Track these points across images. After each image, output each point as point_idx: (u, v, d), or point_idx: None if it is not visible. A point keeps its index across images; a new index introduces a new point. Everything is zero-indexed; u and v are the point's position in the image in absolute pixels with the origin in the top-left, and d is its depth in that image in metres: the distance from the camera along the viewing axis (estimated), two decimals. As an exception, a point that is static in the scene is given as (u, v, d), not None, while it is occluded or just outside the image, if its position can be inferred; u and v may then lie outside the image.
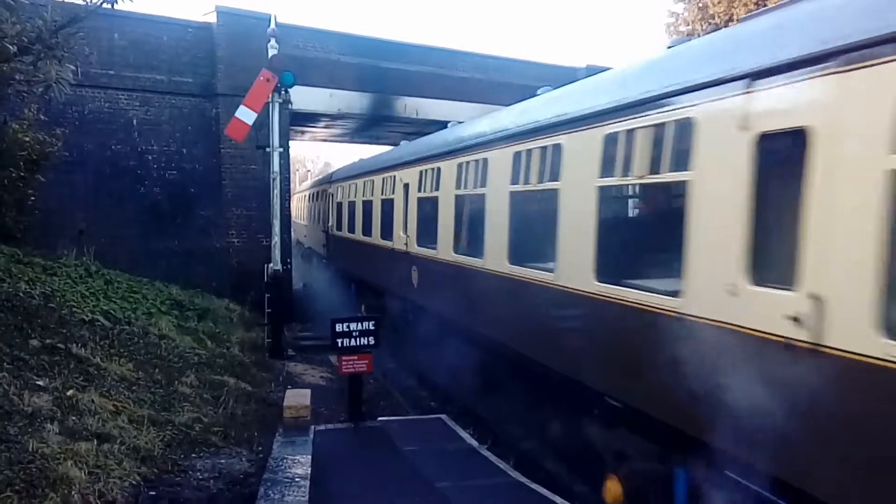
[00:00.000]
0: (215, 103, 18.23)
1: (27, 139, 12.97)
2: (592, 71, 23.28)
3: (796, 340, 4.48)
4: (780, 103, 4.73)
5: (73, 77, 8.37)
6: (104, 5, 8.15)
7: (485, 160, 10.09)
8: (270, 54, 14.90)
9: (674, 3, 28.80)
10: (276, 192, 15.46)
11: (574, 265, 7.37)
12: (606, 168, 6.86)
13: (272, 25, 15.41)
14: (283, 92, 15.07)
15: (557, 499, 7.35)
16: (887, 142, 3.90)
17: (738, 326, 5.01)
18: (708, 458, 5.24)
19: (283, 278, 16.61)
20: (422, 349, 12.73)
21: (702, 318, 5.41)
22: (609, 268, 6.83)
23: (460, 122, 13.88)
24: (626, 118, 6.54)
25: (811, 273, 4.41)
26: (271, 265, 15.56)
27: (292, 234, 24.47)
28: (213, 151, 18.38)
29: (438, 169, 12.18)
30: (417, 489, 7.60)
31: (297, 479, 7.04)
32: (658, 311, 5.94)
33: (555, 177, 7.95)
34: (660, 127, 6.05)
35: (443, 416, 10.93)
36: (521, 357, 8.81)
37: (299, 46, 19.53)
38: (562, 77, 22.77)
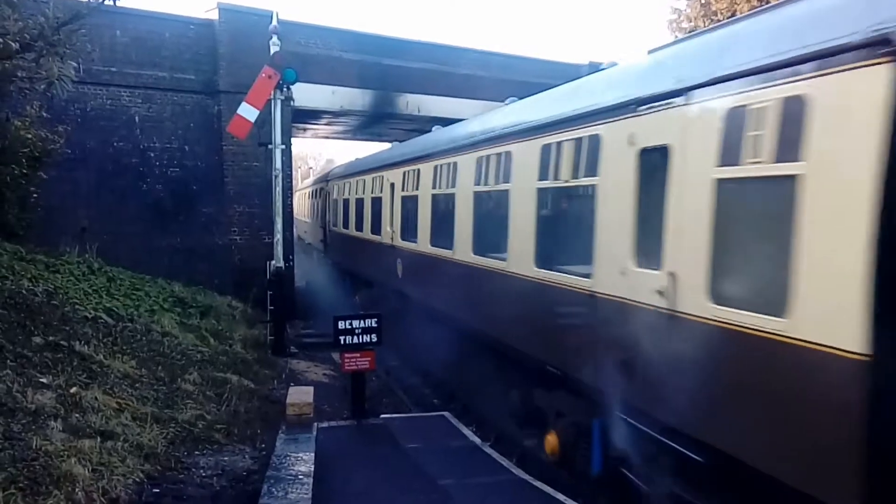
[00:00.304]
0: (217, 100, 18.22)
1: (29, 136, 12.97)
2: (595, 67, 23.27)
3: (661, 308, 5.79)
4: (652, 126, 6.11)
5: (76, 74, 8.36)
6: (106, 2, 8.14)
7: (454, 163, 11.32)
8: (272, 51, 14.89)
9: (676, -1, 28.72)
10: (279, 189, 15.45)
11: (520, 254, 8.73)
12: (542, 173, 8.19)
13: (274, 22, 15.39)
14: (285, 89, 15.05)
15: (560, 496, 7.34)
16: (715, 158, 5.23)
17: (627, 300, 6.31)
18: (614, 408, 6.47)
19: (286, 275, 16.62)
20: (405, 332, 13.52)
21: (605, 294, 6.73)
22: (545, 256, 8.20)
23: (442, 127, 14.93)
24: (556, 132, 7.92)
25: (669, 257, 5.75)
26: (274, 262, 15.56)
27: (294, 230, 24.54)
28: (215, 148, 18.37)
29: (419, 170, 13.31)
30: (420, 486, 7.60)
31: (300, 477, 7.04)
32: (578, 290, 7.24)
33: (506, 179, 9.25)
34: (579, 140, 7.40)
35: (445, 414, 10.93)
36: (485, 335, 10.05)
37: (301, 43, 19.49)
38: (564, 74, 22.71)
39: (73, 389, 7.51)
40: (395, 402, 13.06)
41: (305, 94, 18.52)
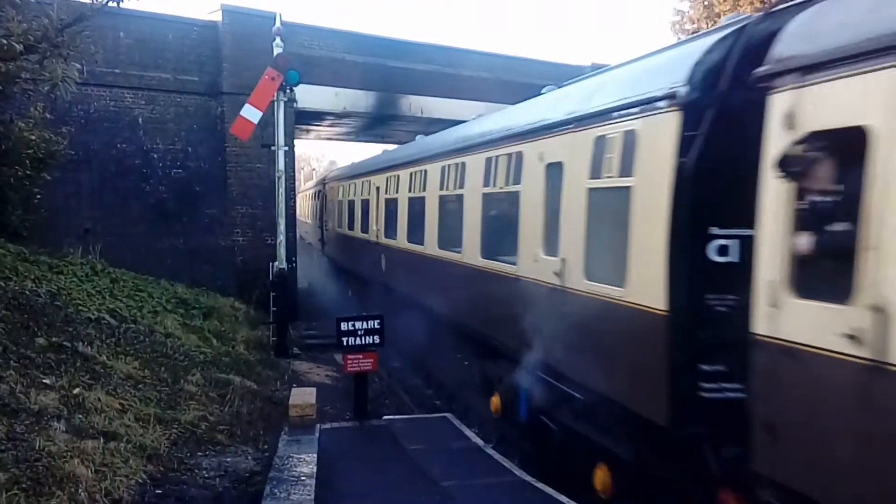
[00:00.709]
0: (220, 102, 18.24)
1: (33, 138, 13.00)
2: (597, 68, 23.25)
3: (557, 286, 7.50)
4: (553, 146, 7.92)
5: (79, 75, 8.39)
6: (110, 3, 8.16)
7: (425, 171, 13.05)
8: (276, 53, 14.90)
9: (679, 1, 28.73)
10: (282, 190, 15.48)
11: (471, 248, 10.46)
12: (486, 181, 9.98)
13: (277, 24, 15.41)
14: (288, 90, 15.09)
15: (563, 498, 7.33)
16: (587, 172, 6.95)
17: (536, 280, 8.09)
18: (532, 366, 8.03)
19: (289, 277, 16.63)
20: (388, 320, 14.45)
21: (524, 276, 8.46)
22: (488, 249, 9.90)
23: (426, 135, 16.27)
24: (495, 148, 9.75)
25: (562, 246, 7.48)
26: (276, 264, 15.57)
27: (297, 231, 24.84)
28: (218, 150, 18.40)
29: (398, 176, 15.09)
30: (423, 488, 7.60)
31: (302, 478, 7.03)
32: (508, 275, 8.97)
33: (461, 185, 11.01)
34: (509, 155, 9.20)
35: (448, 415, 10.93)
36: (448, 318, 11.59)
37: (304, 45, 19.52)
38: (567, 75, 22.68)
39: (76, 390, 7.51)
40: (397, 403, 13.06)
41: (308, 96, 18.57)
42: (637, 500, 6.47)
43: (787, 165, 4.43)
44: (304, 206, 34.75)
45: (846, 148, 4.10)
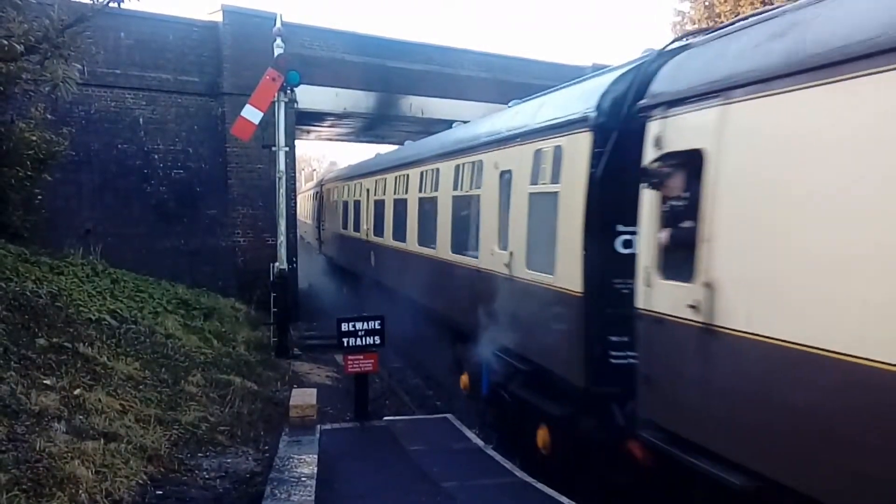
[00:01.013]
0: (221, 102, 18.25)
1: (34, 138, 12.99)
2: (598, 69, 23.23)
3: (506, 275, 8.89)
4: (505, 158, 9.31)
5: (80, 76, 8.40)
6: (110, 4, 8.17)
7: (407, 175, 14.45)
8: (276, 53, 14.90)
9: (679, 1, 28.72)
10: (282, 191, 15.48)
11: (443, 244, 11.90)
12: (455, 185, 11.35)
13: (278, 24, 15.41)
14: (288, 91, 15.07)
15: (564, 499, 7.33)
16: (529, 179, 8.33)
17: (492, 270, 9.47)
18: (491, 346, 9.30)
19: (289, 277, 16.63)
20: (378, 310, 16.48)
21: (484, 268, 9.76)
22: (457, 245, 11.25)
23: (413, 141, 17.43)
24: (462, 156, 11.19)
25: (510, 242, 8.83)
26: (277, 264, 15.57)
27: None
28: (219, 151, 18.41)
29: (385, 179, 16.58)
30: (423, 489, 7.60)
31: (303, 479, 7.03)
32: (471, 267, 10.35)
33: (436, 189, 12.41)
34: (473, 163, 10.64)
35: (449, 416, 10.93)
36: (427, 307, 12.95)
37: (305, 45, 19.54)
38: (567, 75, 22.70)
39: (77, 391, 7.51)
40: (397, 404, 13.06)
41: (309, 97, 18.55)
42: (571, 454, 7.79)
43: (649, 177, 5.85)
44: (304, 207, 34.93)
45: (690, 165, 5.44)
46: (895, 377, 3.63)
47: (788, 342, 4.32)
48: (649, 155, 5.94)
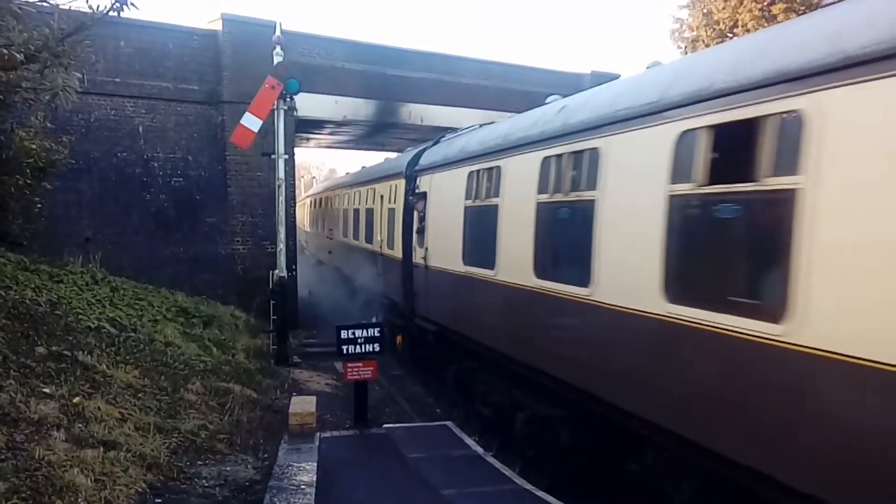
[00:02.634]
0: (221, 110, 18.29)
1: (34, 147, 13.00)
2: (597, 77, 23.34)
3: (381, 252, 16.22)
4: (380, 188, 16.53)
5: (80, 85, 8.37)
6: (110, 13, 8.17)
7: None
8: (276, 61, 14.95)
9: (678, 9, 28.81)
10: (282, 198, 15.50)
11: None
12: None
13: (277, 33, 15.46)
14: (288, 99, 15.11)
15: (563, 507, 7.35)
16: (387, 200, 15.72)
17: (377, 251, 16.80)
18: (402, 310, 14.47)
19: (289, 285, 16.63)
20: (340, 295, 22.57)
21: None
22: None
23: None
24: (363, 186, 17.48)
25: (380, 235, 16.39)
26: (277, 272, 15.58)
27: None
28: (218, 158, 18.44)
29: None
30: (423, 496, 7.59)
31: (302, 487, 7.03)
32: (375, 251, 15.21)
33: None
34: (368, 190, 17.59)
35: (448, 423, 10.91)
36: (375, 291, 17.20)
37: (304, 54, 19.59)
38: (566, 83, 22.83)
39: (76, 399, 7.51)
40: (397, 411, 13.03)
41: (308, 104, 18.60)
42: (408, 344, 14.99)
43: (413, 201, 13.15)
44: (302, 214, 35.46)
45: (424, 198, 12.62)
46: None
47: (440, 267, 11.80)
48: (414, 192, 13.38)
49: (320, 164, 76.68)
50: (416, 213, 13.06)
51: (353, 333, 10.24)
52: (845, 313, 4.23)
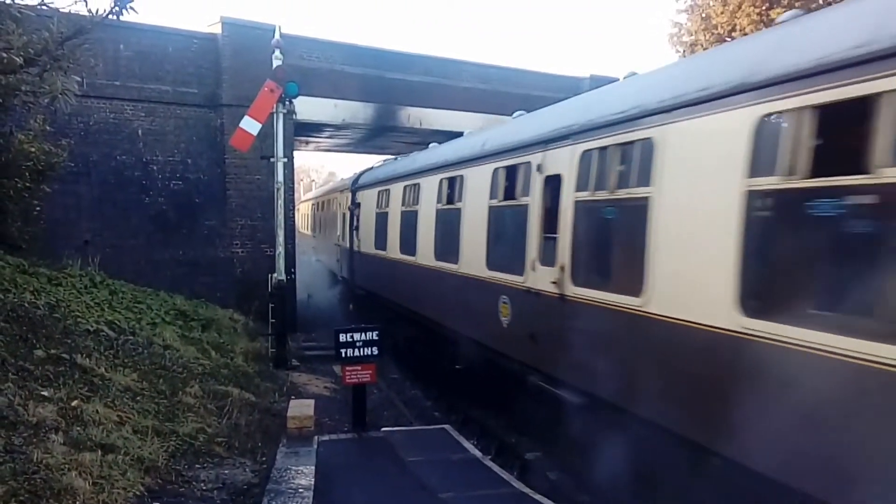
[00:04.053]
0: (220, 114, 18.31)
1: (33, 150, 13.02)
2: (596, 80, 23.38)
3: (340, 244, 22.83)
4: (341, 196, 23.13)
5: (79, 88, 8.42)
6: (110, 17, 8.19)
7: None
8: (275, 65, 14.96)
9: (677, 13, 28.84)
10: (281, 201, 15.51)
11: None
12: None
13: (277, 36, 15.48)
14: (287, 102, 15.12)
15: (561, 509, 7.38)
16: (344, 206, 21.80)
17: (340, 244, 22.88)
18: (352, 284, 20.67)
19: (288, 288, 16.63)
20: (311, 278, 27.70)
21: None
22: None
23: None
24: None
25: (342, 231, 22.29)
26: (275, 275, 15.58)
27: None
28: (217, 162, 18.46)
29: (336, 198, 23.65)
30: (421, 500, 7.59)
31: (300, 490, 7.04)
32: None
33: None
34: (328, 201, 26.73)
35: (446, 427, 10.91)
36: (338, 273, 23.14)
37: (303, 57, 19.61)
38: (564, 87, 22.87)
39: (75, 402, 7.51)
40: (395, 414, 13.04)
41: (307, 108, 18.63)
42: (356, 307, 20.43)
43: (353, 209, 19.69)
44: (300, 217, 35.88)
45: (359, 207, 19.34)
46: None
47: (371, 253, 17.58)
48: (354, 202, 19.52)
49: (320, 168, 76.68)
50: (354, 217, 19.65)
51: (352, 337, 10.23)
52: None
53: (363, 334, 10.27)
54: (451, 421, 11.60)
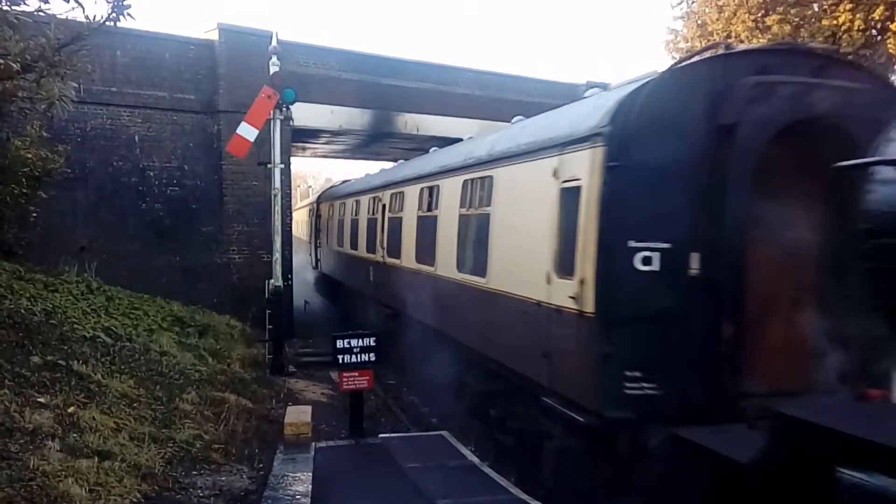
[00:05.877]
0: (217, 120, 18.30)
1: (29, 156, 12.99)
2: (592, 86, 23.36)
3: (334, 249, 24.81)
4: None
5: (76, 94, 8.40)
6: (107, 23, 8.19)
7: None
8: (272, 71, 14.99)
9: (673, 20, 28.93)
10: (278, 208, 15.51)
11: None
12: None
13: (273, 43, 15.52)
14: (284, 108, 15.15)
15: (559, 516, 7.39)
16: (306, 215, 35.04)
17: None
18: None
19: (284, 294, 16.62)
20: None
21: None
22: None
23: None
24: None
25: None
26: (272, 281, 15.56)
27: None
28: (214, 168, 18.43)
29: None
30: (419, 506, 7.57)
31: (297, 497, 7.02)
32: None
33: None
34: (310, 208, 32.77)
35: (444, 433, 10.89)
36: (331, 276, 25.60)
37: (300, 63, 19.63)
38: (561, 93, 22.86)
39: (71, 409, 7.49)
40: (393, 421, 13.01)
41: (304, 114, 18.63)
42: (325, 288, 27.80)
43: (317, 218, 28.91)
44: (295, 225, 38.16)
45: (321, 216, 27.88)
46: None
47: (342, 251, 21.92)
48: (318, 211, 28.45)
49: (316, 174, 76.59)
50: (318, 222, 25.85)
51: (349, 343, 10.23)
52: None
53: (361, 340, 10.27)
54: (449, 427, 11.57)
